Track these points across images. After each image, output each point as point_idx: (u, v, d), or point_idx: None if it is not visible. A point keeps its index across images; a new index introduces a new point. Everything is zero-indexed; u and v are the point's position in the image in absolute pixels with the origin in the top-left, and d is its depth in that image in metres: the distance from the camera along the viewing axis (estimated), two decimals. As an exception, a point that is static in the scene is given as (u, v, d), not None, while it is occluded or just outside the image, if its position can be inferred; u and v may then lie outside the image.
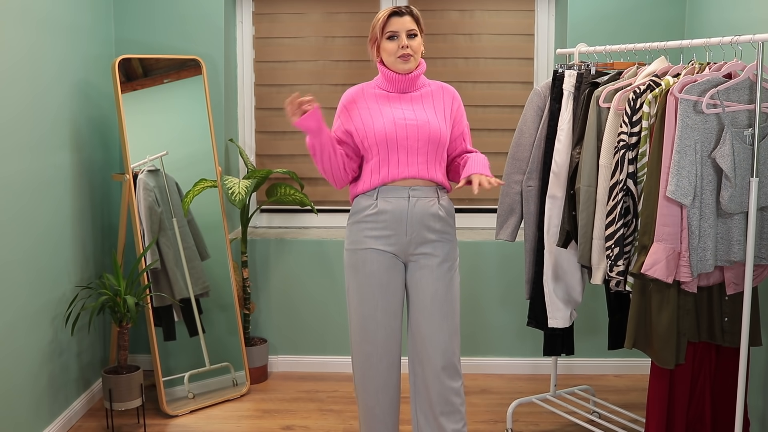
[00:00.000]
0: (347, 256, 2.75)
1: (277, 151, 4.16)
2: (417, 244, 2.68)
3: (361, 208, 2.70)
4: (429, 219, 2.67)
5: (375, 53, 2.70)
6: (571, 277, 3.07)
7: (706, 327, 2.70)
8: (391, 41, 2.63)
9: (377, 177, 2.66)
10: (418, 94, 2.71)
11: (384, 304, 2.69)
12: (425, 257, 2.69)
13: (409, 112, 2.67)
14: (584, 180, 2.86)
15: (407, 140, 2.63)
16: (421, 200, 2.66)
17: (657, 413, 2.74)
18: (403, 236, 2.67)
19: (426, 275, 2.69)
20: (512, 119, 4.05)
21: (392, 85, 2.70)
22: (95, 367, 3.70)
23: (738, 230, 2.59)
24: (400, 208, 2.65)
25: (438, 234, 2.69)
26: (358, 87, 2.76)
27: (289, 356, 4.09)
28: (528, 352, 4.04)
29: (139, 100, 3.61)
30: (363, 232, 2.68)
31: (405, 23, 2.63)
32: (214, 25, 3.88)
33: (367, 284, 2.69)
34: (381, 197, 2.66)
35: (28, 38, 3.06)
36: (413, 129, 2.64)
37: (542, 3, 4.05)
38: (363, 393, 2.78)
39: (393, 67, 2.66)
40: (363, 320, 2.71)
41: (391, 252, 2.69)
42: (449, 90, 2.78)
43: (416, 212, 2.65)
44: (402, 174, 2.65)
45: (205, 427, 3.43)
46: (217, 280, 3.75)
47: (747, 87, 2.57)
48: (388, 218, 2.66)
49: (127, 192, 3.53)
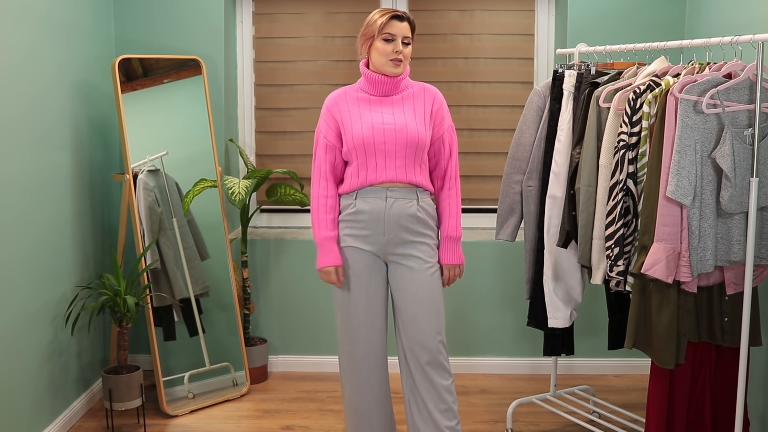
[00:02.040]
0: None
1: (277, 151, 4.16)
2: (395, 244, 2.72)
3: (342, 207, 2.75)
4: (406, 220, 2.70)
5: (365, 50, 2.69)
6: (571, 277, 3.07)
7: (706, 327, 2.70)
8: (387, 43, 2.63)
9: (356, 180, 2.70)
10: (399, 97, 2.72)
11: (365, 302, 2.73)
12: (405, 258, 2.73)
13: (388, 116, 2.68)
14: (584, 180, 2.86)
15: (384, 144, 2.66)
16: (399, 201, 2.69)
17: (657, 413, 2.74)
18: (381, 236, 2.70)
19: (406, 276, 2.72)
20: (512, 119, 4.04)
21: (375, 88, 2.71)
22: (95, 367, 3.70)
23: (738, 230, 2.59)
24: (377, 208, 2.69)
25: (417, 235, 2.72)
26: (341, 91, 2.77)
27: (289, 356, 4.09)
28: (528, 352, 4.04)
29: (139, 100, 3.61)
30: (343, 231, 2.73)
31: (403, 29, 2.64)
32: (214, 25, 3.88)
33: (350, 282, 2.73)
34: (360, 197, 2.70)
35: (28, 38, 3.06)
36: (390, 133, 2.66)
37: (542, 3, 4.05)
38: (348, 391, 2.82)
39: (382, 68, 2.66)
40: (346, 318, 2.76)
41: (371, 251, 2.73)
42: (430, 91, 2.77)
43: (393, 213, 2.69)
44: (380, 178, 2.68)
45: (205, 427, 3.43)
46: (217, 280, 3.75)
47: (747, 87, 2.57)
48: (366, 218, 2.70)
49: (127, 192, 3.53)
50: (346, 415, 2.88)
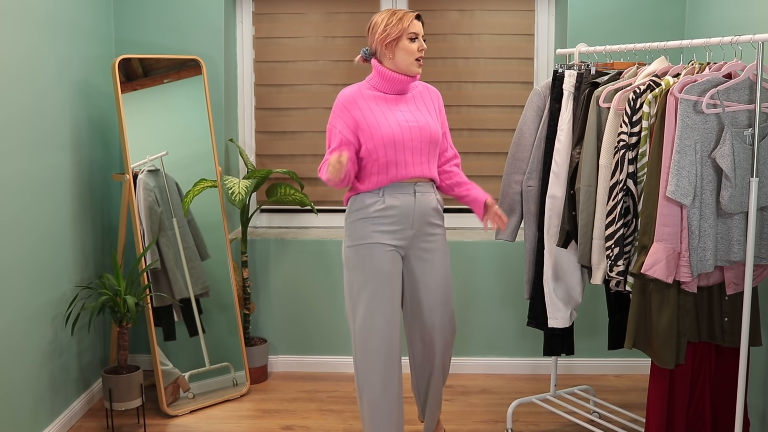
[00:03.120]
0: (350, 253, 2.81)
1: (277, 151, 4.16)
2: (418, 237, 2.85)
3: (365, 205, 2.81)
4: (429, 213, 2.85)
5: (388, 50, 2.76)
6: (571, 277, 3.07)
7: (706, 327, 2.70)
8: (413, 42, 2.76)
9: (384, 177, 2.78)
10: (410, 96, 2.86)
11: (391, 295, 2.81)
12: (426, 251, 2.86)
13: (409, 114, 2.80)
14: (584, 180, 2.86)
15: (412, 142, 2.78)
16: (424, 195, 2.84)
17: (657, 413, 2.74)
18: (409, 230, 2.82)
19: (428, 269, 2.87)
20: (512, 119, 4.05)
21: (390, 86, 2.80)
22: (95, 367, 3.70)
23: (738, 230, 2.59)
24: (407, 203, 2.80)
25: (435, 227, 2.88)
26: (355, 87, 2.83)
27: (289, 356, 4.09)
28: (528, 352, 4.04)
29: (139, 100, 3.61)
30: (369, 228, 2.80)
31: (421, 28, 2.79)
32: (214, 25, 3.88)
33: (374, 278, 2.77)
34: (387, 194, 2.79)
35: (29, 38, 3.06)
36: (416, 131, 2.79)
37: (542, 3, 4.05)
38: (369, 389, 2.81)
39: (407, 68, 2.77)
40: (370, 315, 2.77)
41: (396, 246, 2.82)
42: (434, 90, 2.94)
43: (420, 207, 2.83)
44: (409, 174, 2.80)
45: (205, 427, 3.43)
46: (217, 280, 3.75)
47: (747, 87, 2.57)
48: (396, 213, 2.79)
49: (127, 192, 3.53)
50: (366, 416, 2.84)
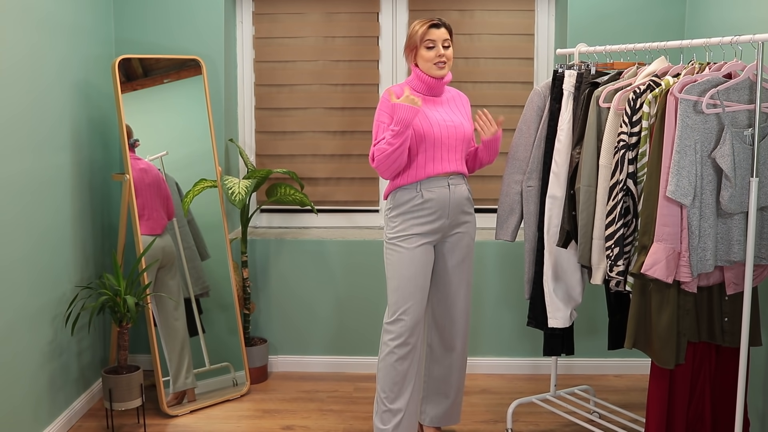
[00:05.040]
0: (392, 246, 3.03)
1: (277, 151, 4.16)
2: (454, 225, 3.08)
3: (404, 200, 3.01)
4: (463, 202, 3.08)
5: (411, 58, 3.02)
6: (571, 277, 3.07)
7: (706, 327, 2.70)
8: (429, 50, 2.96)
9: (422, 171, 2.98)
10: (444, 98, 3.08)
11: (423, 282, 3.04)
12: (458, 237, 3.10)
13: (446, 115, 3.03)
14: (584, 180, 2.86)
15: (449, 140, 3.00)
16: (458, 187, 3.05)
17: (657, 413, 2.74)
18: (445, 220, 3.04)
19: (457, 256, 3.11)
20: (512, 119, 4.04)
21: (427, 89, 3.03)
22: (95, 367, 3.70)
23: (738, 230, 2.59)
24: (443, 196, 3.01)
25: (466, 215, 3.11)
26: (399, 87, 3.04)
27: (289, 356, 4.09)
28: (528, 352, 4.04)
29: (139, 100, 3.61)
30: (409, 221, 3.01)
31: (441, 34, 2.97)
32: (214, 25, 3.88)
33: (411, 264, 3.01)
34: (424, 188, 3.00)
35: (29, 38, 3.06)
36: (452, 130, 3.01)
37: (542, 3, 4.05)
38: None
39: (429, 71, 2.99)
40: (404, 279, 3.01)
41: (433, 235, 3.04)
42: (464, 96, 3.18)
43: (455, 198, 3.04)
44: (444, 169, 3.01)
45: (205, 427, 3.43)
46: (217, 280, 3.75)
47: (747, 87, 2.57)
48: (433, 205, 3.01)
49: (127, 192, 3.53)
50: (385, 373, 3.03)
